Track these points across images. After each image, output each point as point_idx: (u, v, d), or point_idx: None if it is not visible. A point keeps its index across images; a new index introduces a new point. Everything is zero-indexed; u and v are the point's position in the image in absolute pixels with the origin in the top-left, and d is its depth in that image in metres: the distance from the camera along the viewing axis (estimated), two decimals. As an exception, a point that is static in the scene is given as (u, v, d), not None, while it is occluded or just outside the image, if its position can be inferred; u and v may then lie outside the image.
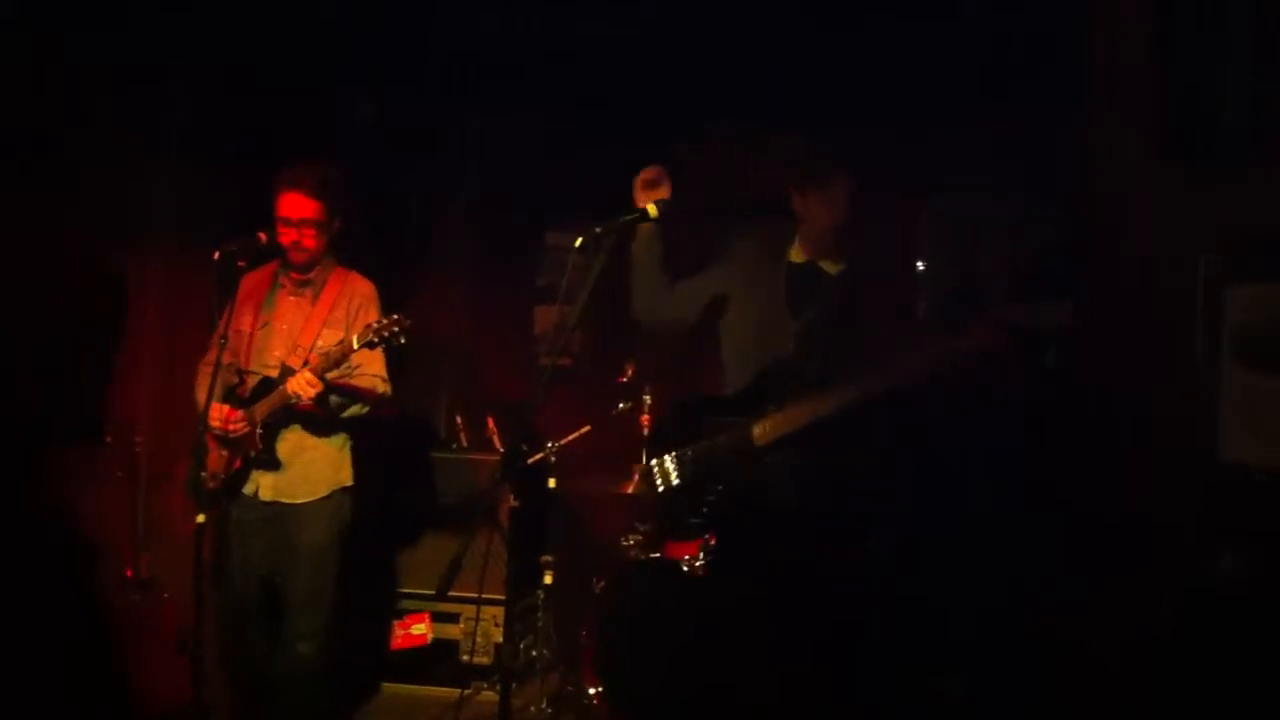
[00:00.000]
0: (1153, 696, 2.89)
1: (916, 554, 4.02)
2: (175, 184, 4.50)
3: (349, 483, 3.74)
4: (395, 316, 3.35)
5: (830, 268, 3.35)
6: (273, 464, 3.60)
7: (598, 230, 2.83)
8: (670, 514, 3.31)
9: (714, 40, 4.85)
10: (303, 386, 3.41)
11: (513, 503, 4.31)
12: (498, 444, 4.84)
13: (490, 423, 4.92)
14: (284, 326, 3.67)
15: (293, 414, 3.57)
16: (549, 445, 4.34)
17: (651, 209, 2.93)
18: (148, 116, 4.44)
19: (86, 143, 4.23)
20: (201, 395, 3.70)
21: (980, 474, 4.07)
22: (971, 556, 3.95)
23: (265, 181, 3.64)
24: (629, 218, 2.92)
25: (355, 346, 3.36)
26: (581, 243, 2.82)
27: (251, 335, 3.63)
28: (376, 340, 3.33)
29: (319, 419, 3.61)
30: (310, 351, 3.57)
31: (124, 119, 4.35)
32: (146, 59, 4.37)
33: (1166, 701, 2.85)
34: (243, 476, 3.62)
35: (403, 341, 3.37)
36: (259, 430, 3.55)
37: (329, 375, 3.45)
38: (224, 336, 3.48)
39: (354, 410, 3.67)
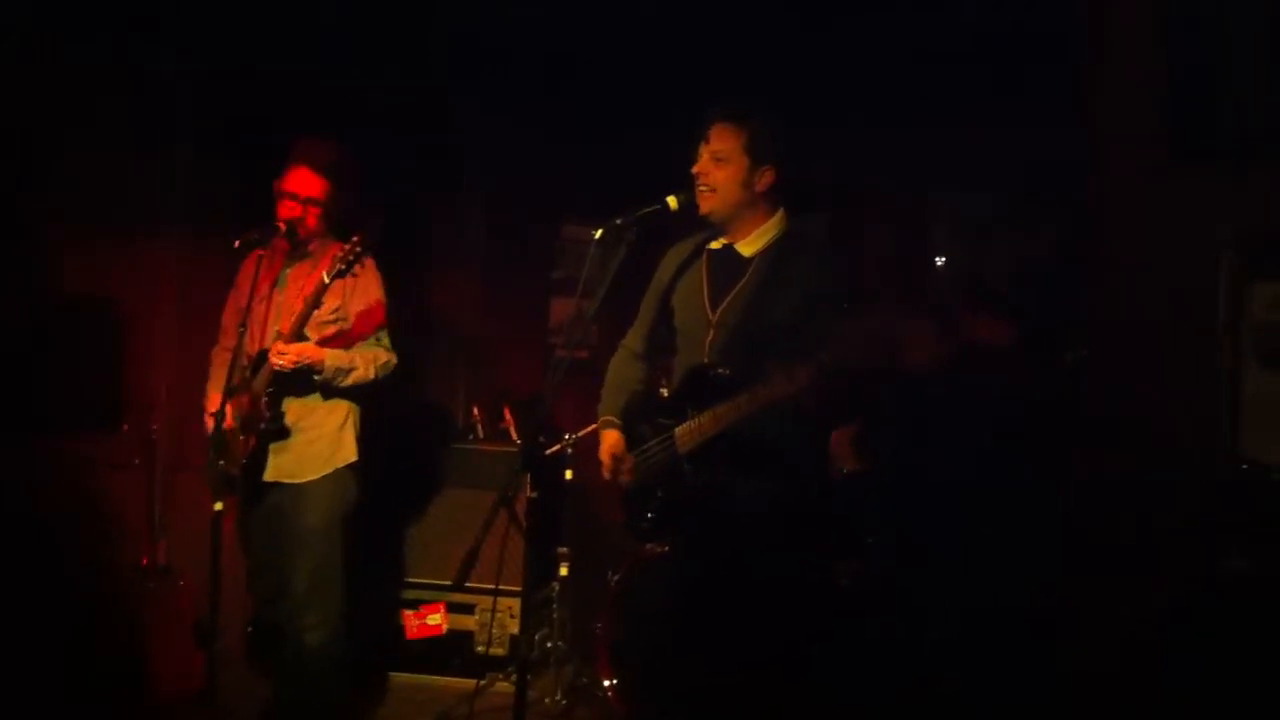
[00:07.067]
0: (1152, 696, 2.88)
1: (917, 554, 4.01)
2: (186, 174, 4.51)
3: (352, 459, 3.65)
4: (354, 238, 3.33)
5: (746, 249, 2.98)
6: (283, 432, 3.55)
7: (617, 222, 2.82)
8: (626, 515, 3.12)
9: (716, 38, 4.85)
10: (275, 354, 3.39)
11: (530, 494, 4.32)
12: (514, 435, 4.85)
13: (507, 414, 4.93)
14: (285, 299, 3.62)
15: (291, 382, 3.49)
16: (566, 437, 4.34)
17: (672, 202, 2.88)
18: (160, 106, 4.45)
19: (96, 135, 4.24)
20: (211, 385, 3.71)
21: (984, 471, 4.05)
22: (975, 556, 3.94)
23: (275, 170, 3.64)
24: (648, 210, 2.87)
25: (327, 281, 3.33)
26: (601, 234, 2.81)
27: (265, 317, 3.60)
28: (344, 267, 3.31)
29: (313, 385, 3.53)
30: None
31: (132, 110, 4.36)
32: (152, 51, 4.38)
33: (1166, 701, 2.84)
34: (262, 454, 3.55)
35: (366, 259, 3.37)
36: (264, 399, 3.50)
37: (309, 328, 3.43)
38: (242, 325, 3.48)
39: (358, 375, 3.55)
